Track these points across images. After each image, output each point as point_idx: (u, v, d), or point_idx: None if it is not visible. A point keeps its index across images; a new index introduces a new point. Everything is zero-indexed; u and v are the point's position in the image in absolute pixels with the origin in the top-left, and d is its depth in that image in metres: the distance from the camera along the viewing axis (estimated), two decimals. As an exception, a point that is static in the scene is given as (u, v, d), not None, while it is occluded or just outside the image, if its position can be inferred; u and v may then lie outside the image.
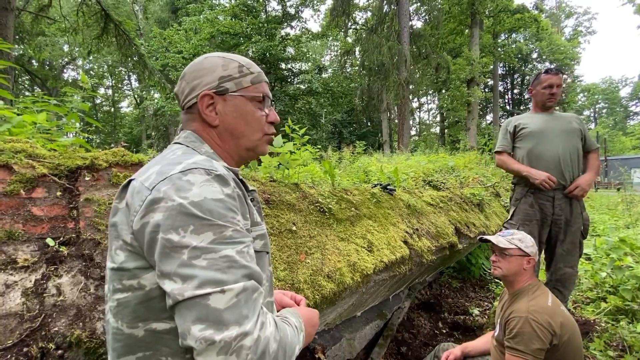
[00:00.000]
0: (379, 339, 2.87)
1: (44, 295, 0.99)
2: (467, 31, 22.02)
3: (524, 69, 34.41)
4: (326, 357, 2.16)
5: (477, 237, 2.26)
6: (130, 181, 0.67)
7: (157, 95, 20.19)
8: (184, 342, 0.54)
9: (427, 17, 22.19)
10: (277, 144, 2.28)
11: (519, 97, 36.16)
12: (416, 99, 34.94)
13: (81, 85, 2.07)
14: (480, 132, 22.09)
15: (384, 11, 18.34)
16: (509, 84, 36.95)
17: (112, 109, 31.73)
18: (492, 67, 26.06)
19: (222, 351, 0.52)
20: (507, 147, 2.80)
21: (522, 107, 34.01)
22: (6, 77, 1.93)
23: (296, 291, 1.47)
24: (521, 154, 2.70)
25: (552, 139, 2.58)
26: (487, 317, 3.42)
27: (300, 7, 18.69)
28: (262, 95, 0.81)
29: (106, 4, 8.26)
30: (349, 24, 20.88)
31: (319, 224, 1.88)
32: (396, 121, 20.77)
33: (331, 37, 24.05)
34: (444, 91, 25.43)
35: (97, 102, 29.91)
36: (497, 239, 1.80)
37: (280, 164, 2.31)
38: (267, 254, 0.79)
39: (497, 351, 1.76)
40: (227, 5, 16.99)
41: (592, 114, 49.70)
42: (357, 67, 22.40)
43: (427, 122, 41.22)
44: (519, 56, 31.02)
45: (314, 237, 1.78)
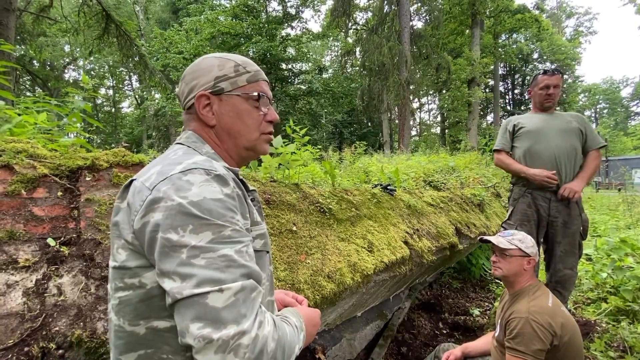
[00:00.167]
0: (379, 339, 2.87)
1: (45, 295, 1.00)
2: (467, 31, 22.01)
3: (524, 69, 34.38)
4: (326, 357, 2.16)
5: (478, 238, 2.26)
6: (132, 181, 0.68)
7: (158, 95, 20.25)
8: (183, 340, 0.55)
9: (427, 17, 22.17)
10: (277, 144, 2.29)
11: (519, 97, 36.11)
12: (417, 100, 34.86)
13: (82, 85, 2.08)
14: (481, 132, 22.09)
15: (385, 11, 18.34)
16: (509, 84, 36.91)
17: (113, 109, 31.79)
18: (492, 67, 26.04)
19: (219, 349, 0.53)
20: (505, 145, 2.79)
21: (522, 108, 33.97)
22: (7, 78, 1.93)
23: (296, 291, 1.47)
24: (519, 154, 2.71)
25: (549, 139, 2.57)
26: (487, 317, 3.42)
27: (300, 8, 18.68)
28: (257, 93, 0.80)
29: (107, 5, 8.27)
30: (350, 25, 20.88)
31: (319, 224, 1.88)
32: (397, 121, 20.76)
33: (332, 38, 24.05)
34: (444, 91, 25.41)
35: (98, 102, 29.96)
36: (498, 240, 1.80)
37: (280, 164, 2.32)
38: (267, 253, 0.79)
39: (497, 352, 1.76)
40: (228, 5, 17.00)
41: (593, 115, 49.62)
42: (357, 68, 22.39)
43: (428, 122, 41.23)
44: (520, 56, 31.00)
45: (314, 238, 1.78)
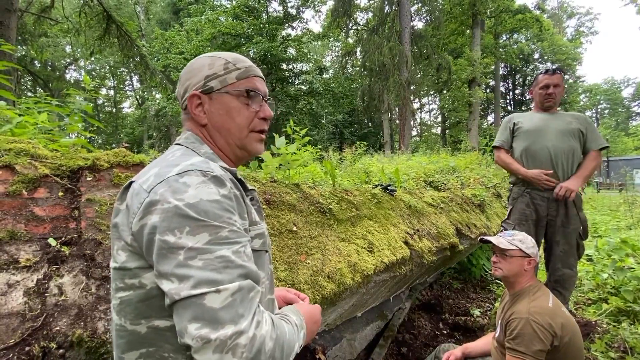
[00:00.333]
0: (379, 339, 2.87)
1: (46, 294, 1.00)
2: (468, 32, 22.00)
3: (525, 69, 34.35)
4: (327, 357, 2.16)
5: (478, 238, 2.25)
6: (130, 183, 0.69)
7: (158, 95, 20.26)
8: (182, 340, 0.56)
9: (428, 17, 22.15)
10: (279, 145, 2.29)
11: (520, 97, 36.07)
12: (417, 100, 34.86)
13: (83, 86, 2.09)
14: (481, 132, 22.07)
15: (385, 12, 18.34)
16: (510, 85, 36.87)
17: (114, 110, 31.84)
18: (493, 67, 26.01)
19: (217, 349, 0.53)
20: (504, 143, 2.79)
21: (523, 108, 33.90)
22: (9, 78, 1.94)
23: (297, 291, 1.47)
24: (517, 153, 2.72)
25: (546, 139, 2.57)
26: (488, 318, 3.42)
27: (301, 8, 18.69)
28: (245, 90, 0.78)
29: (108, 5, 8.28)
30: (350, 25, 20.88)
31: (319, 225, 1.89)
32: (397, 122, 20.77)
33: (332, 38, 24.03)
34: (445, 92, 25.41)
35: (99, 102, 30.00)
36: (498, 240, 1.80)
37: (281, 164, 2.32)
38: (266, 252, 0.79)
39: (497, 352, 1.76)
40: (229, 6, 17.02)
41: (594, 115, 49.51)
42: (358, 68, 22.39)
43: (429, 122, 41.21)
44: (521, 57, 30.95)
45: (314, 238, 1.78)
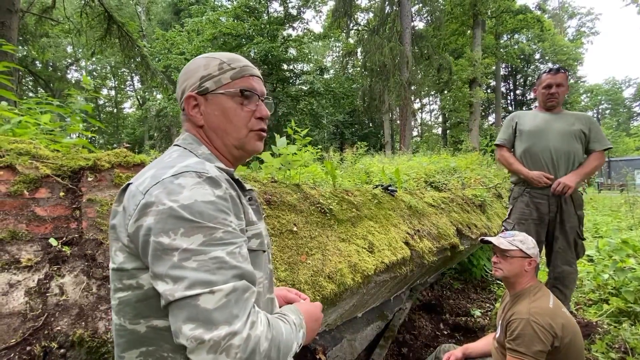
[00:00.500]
0: (380, 340, 2.87)
1: (47, 294, 1.00)
2: (469, 32, 21.99)
3: (526, 69, 34.28)
4: (327, 357, 2.16)
5: (479, 239, 2.25)
6: (128, 185, 0.69)
7: (159, 96, 20.28)
8: (177, 341, 0.57)
9: (429, 18, 22.16)
10: (280, 145, 2.30)
11: (521, 98, 35.99)
12: (418, 100, 34.80)
13: (84, 86, 2.09)
14: (482, 133, 22.05)
15: (386, 12, 18.34)
16: (511, 85, 36.81)
17: (115, 110, 31.87)
18: (494, 68, 25.96)
19: (211, 350, 0.54)
20: (506, 141, 2.79)
21: (524, 108, 33.81)
22: (10, 79, 1.95)
23: (297, 292, 1.48)
24: (518, 154, 2.73)
25: (547, 140, 2.57)
26: (488, 318, 3.41)
27: (302, 8, 18.70)
28: (239, 90, 0.77)
29: (109, 6, 8.30)
30: (351, 25, 20.87)
31: (320, 225, 1.89)
32: (398, 122, 20.76)
33: (333, 38, 24.02)
34: (446, 92, 25.41)
35: (100, 103, 30.03)
36: (499, 240, 1.80)
37: (282, 165, 2.32)
38: (264, 252, 0.79)
39: (498, 353, 1.75)
40: (230, 6, 17.04)
41: (595, 115, 49.41)
42: (358, 68, 22.39)
43: (429, 123, 41.14)
44: (522, 57, 30.90)
45: (314, 238, 1.78)
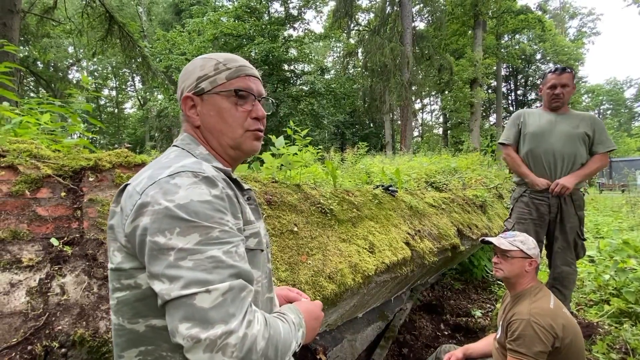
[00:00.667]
0: (380, 340, 2.87)
1: (48, 294, 1.01)
2: (470, 32, 21.98)
3: (527, 70, 34.22)
4: (328, 358, 2.16)
5: (479, 239, 2.25)
6: (126, 186, 0.70)
7: (160, 96, 20.32)
8: (173, 340, 0.57)
9: (430, 18, 22.17)
10: (279, 145, 2.30)
11: (522, 98, 35.92)
12: (419, 100, 34.77)
13: (83, 86, 2.10)
14: (483, 133, 22.03)
15: (387, 12, 18.35)
16: (512, 85, 36.75)
17: (116, 110, 31.92)
18: (495, 68, 25.92)
19: (207, 349, 0.54)
20: (511, 140, 2.77)
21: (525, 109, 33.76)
22: (11, 79, 1.95)
23: (297, 292, 1.48)
24: (521, 154, 2.73)
25: (550, 143, 2.57)
26: (489, 319, 3.41)
27: (303, 9, 18.74)
28: (234, 90, 0.77)
29: (110, 6, 8.31)
30: (352, 25, 20.90)
31: (320, 225, 1.89)
32: (399, 122, 20.76)
33: (334, 39, 24.03)
34: (446, 92, 25.35)
35: (102, 103, 30.07)
36: (499, 241, 1.80)
37: (282, 165, 2.32)
38: (262, 251, 0.79)
39: (499, 353, 1.75)
40: (231, 7, 17.06)
41: (597, 115, 49.28)
42: (359, 69, 22.39)
43: (430, 123, 41.07)
44: (523, 57, 30.82)
45: (315, 238, 1.78)
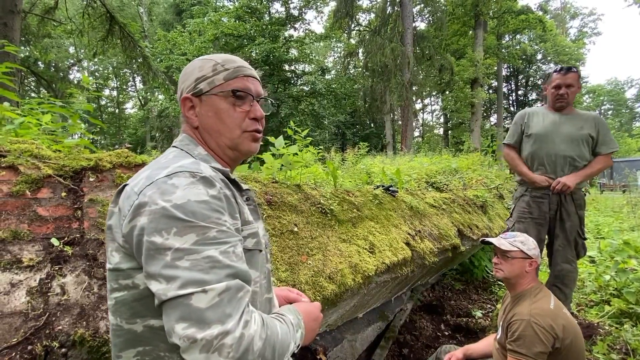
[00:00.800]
0: (380, 340, 2.87)
1: (49, 294, 1.01)
2: (470, 32, 21.97)
3: (528, 70, 34.19)
4: (328, 358, 2.16)
5: (480, 239, 2.25)
6: (124, 186, 0.70)
7: (161, 96, 20.35)
8: (170, 340, 0.57)
9: (430, 18, 22.16)
10: (279, 145, 2.30)
11: (523, 98, 35.90)
12: (419, 101, 34.73)
13: (84, 86, 2.11)
14: (484, 133, 22.03)
15: (388, 13, 18.35)
16: (513, 85, 36.71)
17: (117, 110, 31.95)
18: (496, 68, 25.90)
19: (204, 349, 0.54)
20: (512, 140, 2.78)
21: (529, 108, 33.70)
22: (12, 79, 1.96)
23: (297, 292, 1.48)
24: (524, 155, 2.74)
25: (554, 144, 2.56)
26: (489, 319, 3.41)
27: (303, 9, 18.74)
28: (231, 90, 0.77)
29: (111, 6, 8.32)
30: (353, 26, 20.89)
31: (320, 225, 1.89)
32: (399, 123, 20.76)
33: (334, 39, 24.06)
34: (447, 92, 25.37)
35: (102, 103, 30.09)
36: (500, 241, 1.79)
37: (282, 165, 2.33)
38: (260, 252, 0.79)
39: (499, 354, 1.75)
40: (231, 7, 17.08)
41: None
42: (360, 69, 22.40)
43: (431, 123, 41.03)
44: (524, 57, 30.78)
45: (315, 238, 1.78)
